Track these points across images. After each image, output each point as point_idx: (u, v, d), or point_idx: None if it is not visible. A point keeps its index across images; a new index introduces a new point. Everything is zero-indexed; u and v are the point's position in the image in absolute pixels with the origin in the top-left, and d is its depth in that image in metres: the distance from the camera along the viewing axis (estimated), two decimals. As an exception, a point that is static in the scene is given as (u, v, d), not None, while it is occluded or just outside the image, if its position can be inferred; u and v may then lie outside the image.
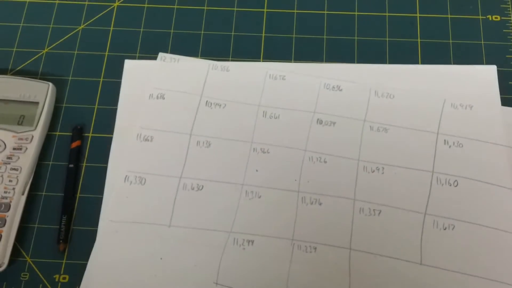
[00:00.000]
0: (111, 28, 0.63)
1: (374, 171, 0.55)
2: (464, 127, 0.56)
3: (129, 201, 0.54)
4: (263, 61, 0.61)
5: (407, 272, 0.51)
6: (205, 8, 0.64)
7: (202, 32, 0.63)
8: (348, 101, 0.58)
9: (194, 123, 0.57)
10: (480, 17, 0.63)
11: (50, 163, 0.57)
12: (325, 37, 0.62)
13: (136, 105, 0.58)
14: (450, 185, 0.54)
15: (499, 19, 0.63)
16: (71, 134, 0.57)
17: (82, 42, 0.63)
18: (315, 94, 0.58)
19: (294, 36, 0.62)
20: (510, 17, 0.62)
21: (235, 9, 0.64)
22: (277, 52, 0.62)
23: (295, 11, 0.64)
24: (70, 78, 0.61)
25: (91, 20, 0.64)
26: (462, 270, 0.50)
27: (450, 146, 0.55)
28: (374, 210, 0.53)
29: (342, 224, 0.53)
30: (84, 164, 0.56)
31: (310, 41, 0.62)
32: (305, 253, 0.51)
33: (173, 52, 0.61)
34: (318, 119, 0.57)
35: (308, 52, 0.61)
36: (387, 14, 0.63)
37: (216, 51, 0.62)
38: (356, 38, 0.62)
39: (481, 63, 0.60)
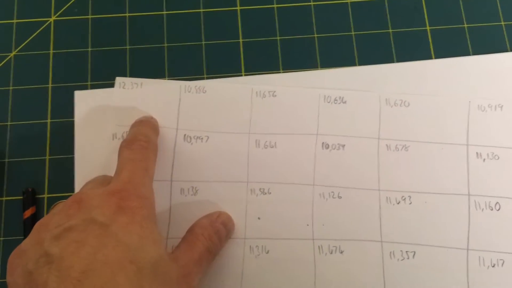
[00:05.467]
0: (51, 51, 0.50)
1: (399, 202, 0.46)
2: (497, 134, 0.47)
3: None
4: (245, 75, 0.50)
5: None
6: (164, 12, 0.52)
7: (166, 44, 0.51)
8: (356, 116, 0.48)
9: (174, 167, 0.46)
10: (496, -8, 0.53)
11: (1, 239, 0.45)
12: (316, 35, 0.51)
13: (97, 148, 0.47)
14: (492, 209, 0.45)
15: (518, -8, 0.52)
16: (21, 198, 0.46)
17: (16, 73, 0.50)
18: (315, 111, 0.48)
19: (278, 38, 0.51)
20: (529, -13, 0.52)
21: (201, 10, 0.52)
22: (261, 61, 0.50)
23: (275, 5, 0.52)
24: (8, 123, 0.48)
25: (24, 44, 0.51)
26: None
27: (484, 160, 0.46)
28: (407, 252, 0.44)
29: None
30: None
31: (299, 43, 0.51)
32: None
33: (133, 74, 0.50)
34: (323, 143, 0.47)
35: (298, 57, 0.50)
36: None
37: (187, 67, 0.50)
38: (353, 33, 0.51)
39: (504, 50, 0.50)
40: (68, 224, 0.33)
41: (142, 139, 0.41)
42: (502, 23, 0.51)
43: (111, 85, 0.48)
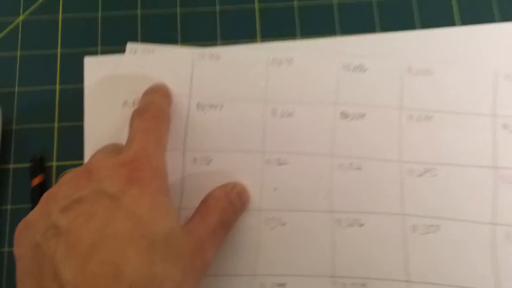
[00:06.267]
0: (60, 15, 0.48)
1: (422, 174, 0.43)
2: (526, 104, 0.45)
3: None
4: (260, 41, 0.48)
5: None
6: (178, -24, 0.50)
7: (179, 10, 0.49)
8: (377, 84, 0.46)
9: (186, 136, 0.44)
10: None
11: (8, 207, 0.44)
12: (335, 1, 0.49)
13: (107, 116, 0.45)
14: (519, 182, 0.43)
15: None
16: (29, 166, 0.45)
17: (24, 38, 0.48)
18: (334, 79, 0.46)
19: (296, 2, 0.49)
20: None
21: (216, -26, 0.50)
22: (277, 27, 0.48)
23: (293, -31, 0.50)
24: (16, 89, 0.47)
25: (32, 8, 0.49)
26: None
27: (511, 132, 0.44)
28: (430, 226, 0.43)
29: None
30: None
31: (318, 8, 0.49)
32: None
33: (145, 40, 0.48)
34: (342, 112, 0.45)
35: (317, 24, 0.48)
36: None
37: (200, 33, 0.48)
38: (374, -2, 0.49)
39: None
40: (77, 196, 0.31)
41: (154, 108, 0.40)
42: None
43: (122, 51, 0.46)
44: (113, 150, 0.38)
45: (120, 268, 0.29)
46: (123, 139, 0.38)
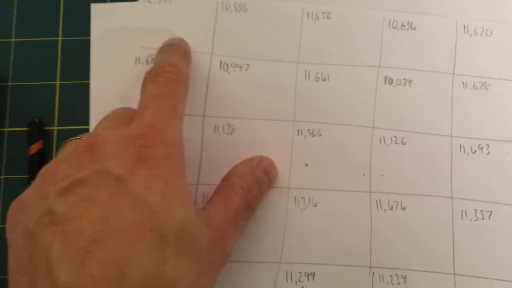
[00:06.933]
0: (62, -47, 0.43)
1: (475, 151, 0.39)
2: None
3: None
4: (295, -9, 0.42)
5: None
6: None
7: (200, -50, 0.43)
8: (427, 45, 0.41)
9: (207, 100, 0.40)
10: None
11: (1, 178, 0.40)
12: None
13: (117, 74, 0.41)
14: None
15: None
16: (27, 130, 0.41)
17: (22, -20, 0.43)
18: (378, 38, 0.41)
19: None
20: None
21: None
22: (314, -25, 0.43)
23: None
24: (12, 40, 0.42)
25: None
26: None
27: None
28: (482, 211, 0.38)
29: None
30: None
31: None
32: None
33: (161, -15, 0.43)
34: (386, 77, 0.40)
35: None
36: None
37: (225, -20, 0.43)
38: None
39: None
40: (78, 176, 0.27)
41: (170, 70, 0.35)
42: None
43: None
44: (123, 117, 0.34)
45: (124, 269, 0.25)
46: (134, 102, 0.34)
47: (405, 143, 0.39)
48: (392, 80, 0.40)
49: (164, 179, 0.29)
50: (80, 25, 0.42)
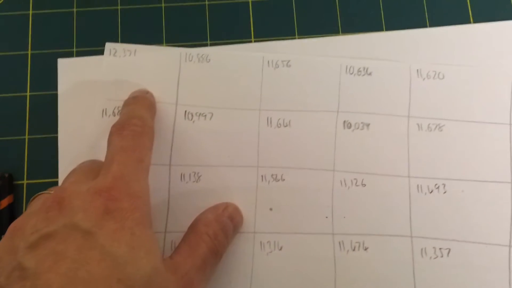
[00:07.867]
0: (30, 11, 0.44)
1: (432, 190, 0.40)
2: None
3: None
4: (255, 41, 0.43)
5: None
6: (162, -33, 0.45)
7: (163, 4, 0.44)
8: (383, 90, 0.42)
9: (173, 149, 0.41)
10: None
11: None
12: (336, -5, 0.44)
13: (84, 127, 0.41)
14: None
15: None
16: None
17: (-9, 38, 0.44)
18: (336, 84, 0.42)
19: (293, -4, 0.44)
20: None
21: (204, -37, 0.45)
22: (273, 25, 0.44)
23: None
24: (-19, 96, 0.42)
25: (-1, 2, 0.44)
26: None
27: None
28: (440, 249, 0.39)
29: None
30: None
31: (317, 4, 0.44)
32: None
33: (125, 39, 0.44)
34: (345, 122, 0.41)
35: (317, 21, 0.44)
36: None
37: (188, 32, 0.44)
38: (379, -8, 0.45)
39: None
40: (46, 230, 0.28)
41: (135, 122, 0.36)
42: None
43: (100, 52, 0.43)
44: (90, 170, 0.35)
45: None
46: (102, 153, 0.34)
47: (365, 184, 0.40)
48: (350, 124, 0.41)
49: (130, 231, 0.29)
50: (47, 80, 0.42)
